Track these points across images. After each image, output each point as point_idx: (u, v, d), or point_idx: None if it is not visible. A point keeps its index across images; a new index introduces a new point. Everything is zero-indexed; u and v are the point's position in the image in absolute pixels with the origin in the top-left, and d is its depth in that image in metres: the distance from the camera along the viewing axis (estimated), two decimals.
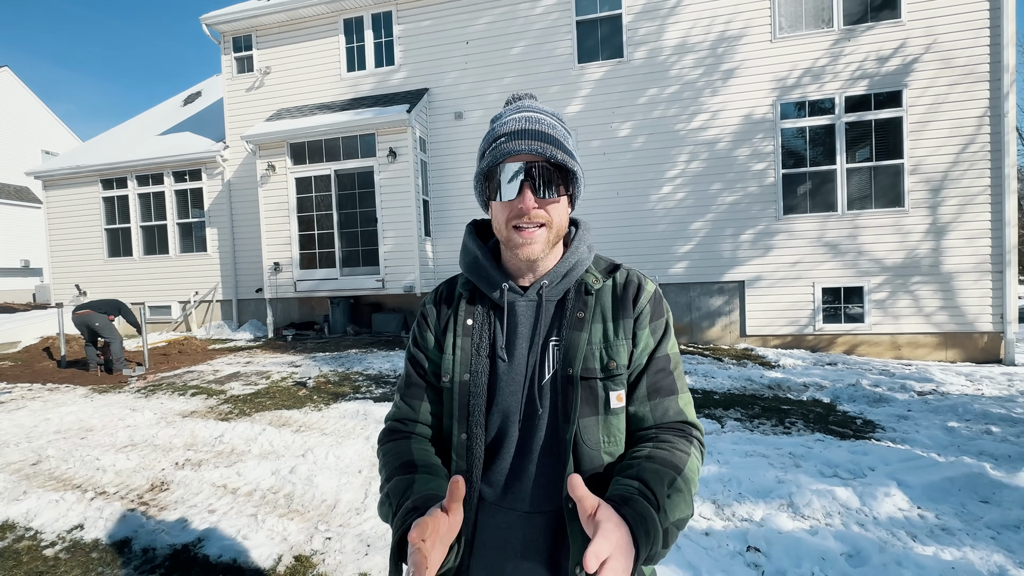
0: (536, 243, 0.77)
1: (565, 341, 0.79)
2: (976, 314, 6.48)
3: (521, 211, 0.76)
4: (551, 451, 0.78)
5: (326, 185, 8.06)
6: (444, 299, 0.89)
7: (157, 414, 4.23)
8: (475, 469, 0.79)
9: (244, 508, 2.63)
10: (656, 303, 0.83)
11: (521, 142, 0.75)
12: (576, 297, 0.82)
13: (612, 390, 0.78)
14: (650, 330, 0.81)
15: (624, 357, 0.79)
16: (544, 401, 0.79)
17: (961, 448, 3.33)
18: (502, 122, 0.80)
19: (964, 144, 6.50)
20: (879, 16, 6.76)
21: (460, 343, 0.83)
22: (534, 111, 0.81)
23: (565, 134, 0.80)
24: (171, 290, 9.63)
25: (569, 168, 0.78)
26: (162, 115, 12.14)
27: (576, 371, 0.77)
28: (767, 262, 7.09)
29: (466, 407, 0.80)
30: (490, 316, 0.84)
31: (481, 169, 0.80)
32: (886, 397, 4.56)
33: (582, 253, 0.84)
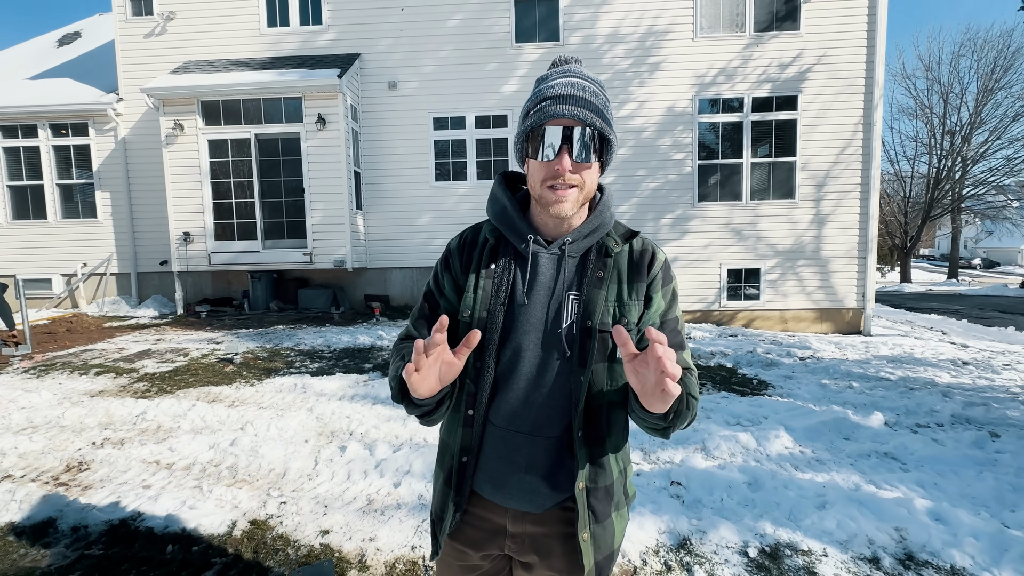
0: (567, 202, 0.83)
1: (585, 296, 0.86)
2: (844, 293, 7.67)
3: (557, 172, 0.81)
4: (561, 388, 0.87)
5: (245, 150, 7.45)
6: (468, 243, 0.95)
7: (57, 395, 3.80)
8: (482, 393, 0.88)
9: (184, 481, 2.54)
10: (666, 270, 0.91)
11: (565, 106, 0.79)
12: (597, 257, 0.89)
13: None
14: (662, 294, 0.89)
15: (635, 316, 0.87)
16: (560, 346, 0.86)
17: (831, 400, 4.04)
18: (548, 84, 0.84)
19: (843, 147, 7.56)
20: (783, 26, 7.56)
21: (483, 284, 0.89)
22: (580, 77, 0.84)
23: (606, 102, 0.84)
24: (51, 261, 8.41)
25: (606, 136, 0.83)
26: (30, 56, 10.33)
27: (595, 324, 0.85)
28: (683, 244, 7.79)
29: (482, 341, 0.86)
30: (512, 264, 0.90)
31: (524, 128, 0.84)
32: (776, 362, 5.33)
33: (606, 217, 0.91)
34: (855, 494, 2.42)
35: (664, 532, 2.16)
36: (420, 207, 8.01)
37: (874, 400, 4.01)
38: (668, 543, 2.10)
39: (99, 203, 8.35)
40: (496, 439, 0.90)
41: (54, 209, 8.40)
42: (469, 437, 0.90)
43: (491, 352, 0.88)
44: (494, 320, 0.88)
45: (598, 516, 0.89)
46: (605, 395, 0.87)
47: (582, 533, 0.87)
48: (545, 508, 0.89)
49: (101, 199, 8.34)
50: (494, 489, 0.91)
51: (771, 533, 2.13)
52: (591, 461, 0.88)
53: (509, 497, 0.90)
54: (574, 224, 0.90)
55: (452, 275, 0.94)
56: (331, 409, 3.48)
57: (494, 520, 0.92)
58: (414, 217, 8.03)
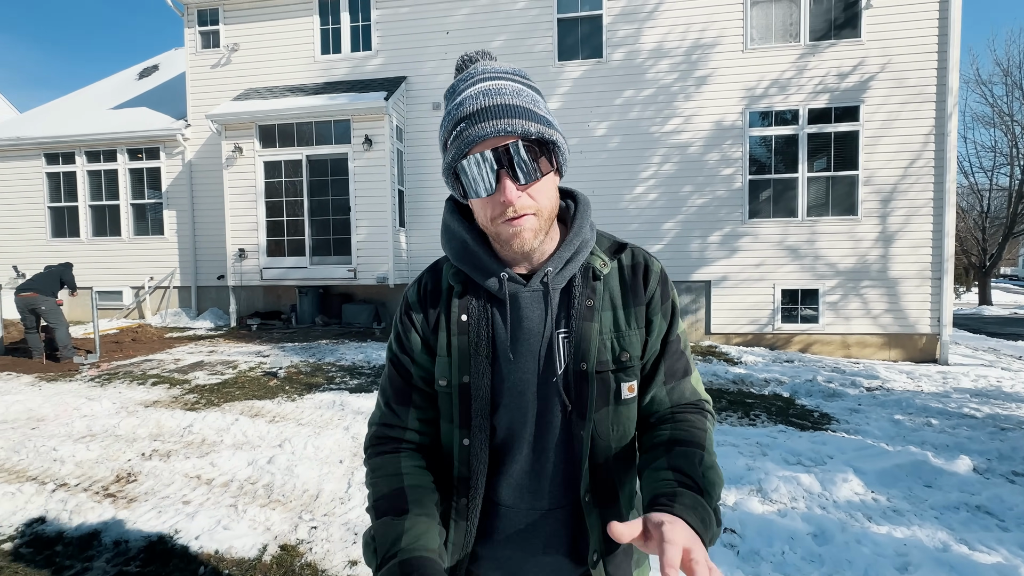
0: (526, 231, 0.68)
1: (576, 333, 0.72)
2: (916, 317, 7.02)
3: (504, 205, 0.66)
4: (566, 447, 0.75)
5: (297, 170, 7.80)
6: (430, 292, 0.78)
7: (116, 403, 4.01)
8: (478, 475, 0.74)
9: (222, 499, 2.56)
10: (664, 284, 0.77)
11: (486, 124, 0.64)
12: (584, 283, 0.74)
13: (624, 381, 0.74)
14: (661, 314, 0.76)
15: (637, 347, 0.74)
16: (556, 398, 0.73)
17: (906, 439, 3.62)
18: (457, 100, 0.68)
19: (912, 159, 7.00)
20: (841, 34, 7.17)
21: (456, 343, 0.73)
22: (493, 77, 0.68)
23: (535, 97, 0.69)
24: (123, 275, 9.08)
25: (549, 139, 0.66)
26: (115, 88, 11.37)
27: (591, 366, 0.72)
28: (732, 263, 7.41)
29: (468, 412, 0.73)
30: (488, 310, 0.74)
31: (448, 163, 0.69)
32: (839, 392, 4.89)
33: (586, 232, 0.75)
34: (944, 556, 2.10)
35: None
36: None
37: (958, 441, 3.56)
38: None
39: (166, 221, 8.96)
40: (505, 522, 0.77)
41: (127, 227, 9.09)
42: (463, 532, 0.76)
43: (481, 424, 0.73)
44: (479, 384, 0.73)
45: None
46: (613, 444, 0.75)
47: None
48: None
49: (168, 217, 8.96)
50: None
51: None
52: (602, 523, 0.75)
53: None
54: (549, 250, 0.74)
55: (419, 334, 0.77)
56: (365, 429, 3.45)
57: None
58: None
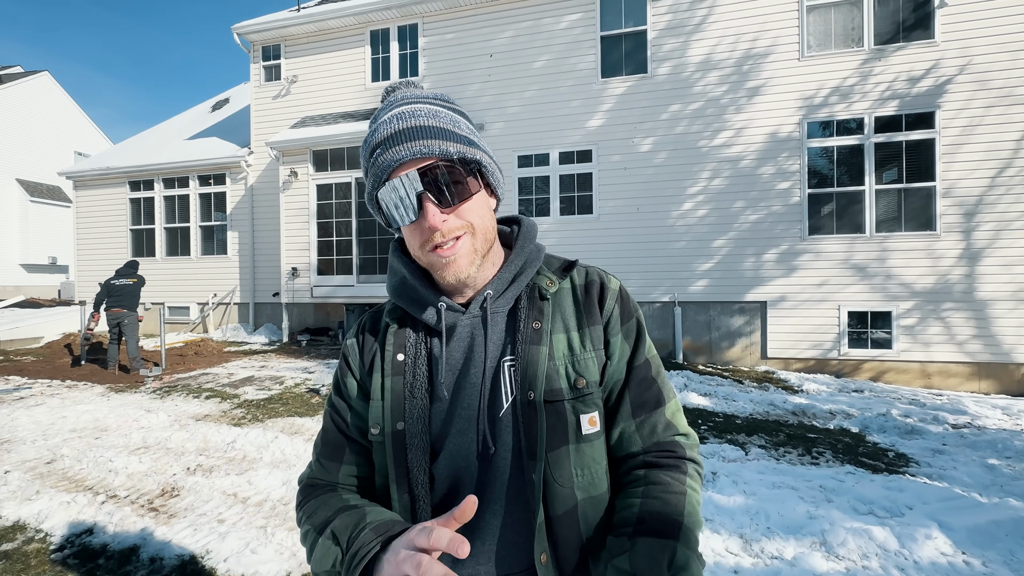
0: (461, 257, 0.64)
1: (522, 359, 0.65)
2: (1012, 344, 6.21)
3: (430, 231, 0.62)
4: (517, 496, 0.64)
5: (346, 192, 8.13)
6: (368, 332, 0.73)
7: (171, 416, 4.22)
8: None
9: (254, 519, 2.58)
10: (624, 302, 0.71)
11: (400, 147, 0.61)
12: (529, 304, 0.68)
13: (583, 412, 0.65)
14: (623, 335, 0.69)
15: (595, 372, 0.67)
16: (504, 437, 0.65)
17: (1004, 488, 3.14)
18: (374, 127, 0.65)
19: (1000, 168, 6.29)
20: (911, 36, 6.64)
21: (390, 384, 0.68)
22: (408, 102, 0.66)
23: (454, 118, 0.65)
24: (190, 291, 9.76)
25: (471, 158, 0.63)
26: (191, 120, 12.45)
27: (539, 394, 0.64)
28: (791, 283, 6.92)
29: (404, 463, 0.65)
30: (426, 346, 0.69)
31: (368, 192, 0.66)
32: (918, 429, 4.36)
33: (530, 252, 0.71)
34: None
35: None
36: None
37: None
38: None
39: (229, 242, 9.59)
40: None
41: (196, 247, 9.81)
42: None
43: (419, 478, 0.65)
44: (414, 431, 0.65)
45: None
46: (578, 492, 0.64)
47: None
48: None
49: (231, 238, 9.58)
50: None
51: None
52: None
53: None
54: (490, 274, 0.70)
55: (356, 377, 0.72)
56: None
57: None
58: None
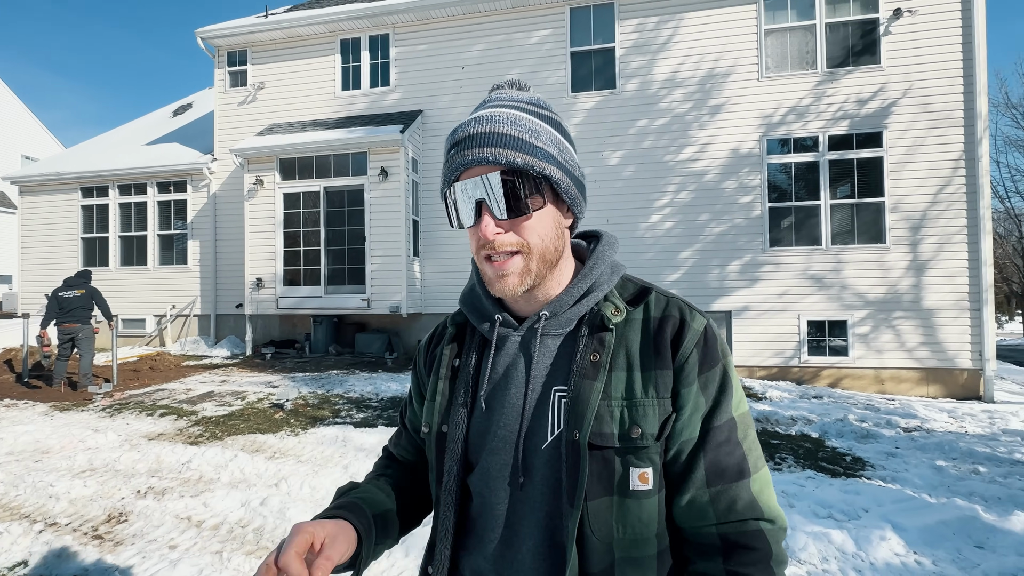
0: (510, 275, 0.60)
1: (573, 392, 0.60)
2: (956, 351, 6.58)
3: (484, 239, 0.60)
4: (550, 537, 0.60)
5: (315, 201, 7.96)
6: (437, 335, 0.76)
7: (121, 436, 3.98)
8: (444, 543, 0.65)
9: (209, 544, 2.44)
10: (707, 346, 0.61)
11: (469, 151, 0.58)
12: (590, 334, 0.62)
13: (634, 466, 0.58)
14: (699, 386, 0.60)
15: (654, 423, 0.58)
16: (540, 470, 0.60)
17: (951, 488, 3.30)
18: (459, 124, 0.63)
19: (941, 185, 6.72)
20: (860, 61, 7.05)
21: (442, 387, 0.69)
22: (496, 104, 0.63)
23: (534, 127, 0.60)
24: (147, 303, 9.32)
25: (541, 173, 0.59)
26: (150, 125, 12.00)
27: (583, 436, 0.58)
28: (753, 293, 7.15)
29: (441, 465, 0.65)
30: (478, 354, 0.68)
31: (441, 189, 0.64)
32: (873, 433, 4.55)
33: (600, 274, 0.65)
34: None
35: None
36: None
37: (1012, 493, 3.21)
38: None
39: (190, 251, 9.22)
40: None
41: (154, 256, 9.39)
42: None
43: (450, 485, 0.64)
44: (452, 435, 0.65)
45: None
46: (617, 550, 0.58)
47: None
48: None
49: (192, 247, 9.22)
50: None
51: None
52: None
53: None
54: (553, 293, 0.65)
55: (418, 378, 0.77)
56: (366, 467, 3.33)
57: None
58: (468, 264, 8.07)
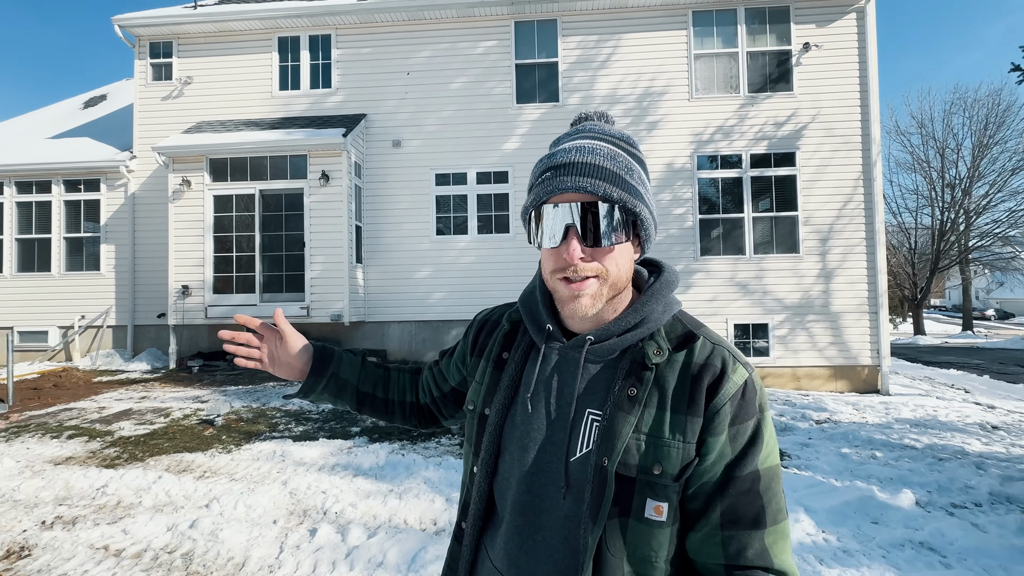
0: (584, 297, 0.64)
1: (607, 420, 0.64)
2: (858, 349, 7.37)
3: (567, 262, 0.64)
4: (567, 538, 0.65)
5: (249, 205, 7.56)
6: (491, 322, 0.84)
7: (21, 462, 3.57)
8: (478, 507, 0.73)
9: (130, 574, 2.26)
10: (746, 400, 0.63)
11: (568, 178, 0.62)
12: (631, 368, 0.66)
13: (650, 499, 0.62)
14: (728, 437, 0.61)
15: (675, 465, 0.61)
16: (570, 480, 0.65)
17: (853, 473, 3.70)
18: (555, 150, 0.68)
19: (844, 201, 7.53)
20: (776, 87, 7.77)
21: (490, 373, 0.77)
22: (593, 136, 0.67)
23: (629, 165, 0.66)
24: (50, 313, 8.38)
25: (632, 209, 0.64)
26: (57, 117, 10.86)
27: (612, 464, 0.62)
28: (687, 299, 7.61)
29: (479, 442, 0.74)
30: (524, 358, 0.75)
31: (527, 206, 0.68)
32: (790, 426, 4.99)
33: (652, 311, 0.68)
34: None
35: None
36: (420, 261, 7.99)
37: (901, 474, 3.66)
38: None
39: (103, 256, 8.42)
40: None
41: (59, 262, 8.48)
42: (457, 554, 0.77)
43: (487, 460, 0.73)
44: (493, 420, 0.74)
45: None
46: (623, 564, 0.62)
47: None
48: None
49: (106, 252, 8.42)
50: None
51: None
52: None
53: None
54: (607, 318, 0.69)
55: (464, 349, 0.88)
56: (307, 483, 3.21)
57: None
58: (414, 271, 7.98)
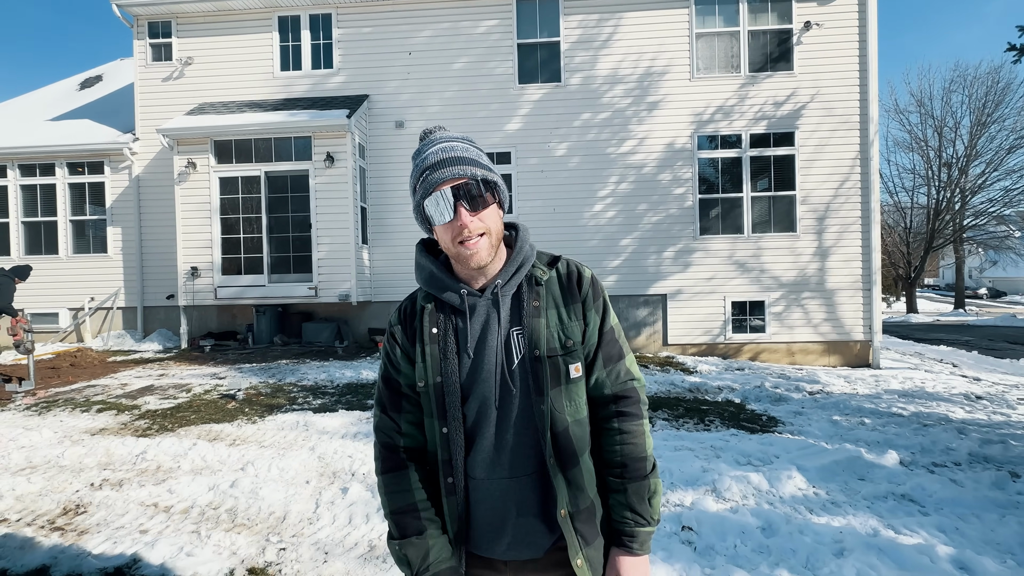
0: (481, 250, 0.89)
1: (528, 328, 0.91)
2: (851, 325, 7.61)
3: (461, 228, 0.87)
4: (527, 423, 0.90)
5: (255, 187, 7.63)
6: (408, 314, 0.98)
7: (59, 433, 3.77)
8: (456, 457, 0.90)
9: (182, 526, 2.48)
10: (595, 286, 0.97)
11: (444, 170, 0.87)
12: (529, 289, 0.94)
13: (571, 363, 0.92)
14: (594, 310, 0.96)
15: (578, 335, 0.93)
16: (516, 382, 0.90)
17: (843, 437, 3.94)
18: (423, 158, 0.91)
19: (841, 180, 7.67)
20: (776, 67, 7.82)
21: (429, 350, 0.92)
22: (447, 140, 0.93)
23: (478, 152, 0.93)
24: (60, 295, 8.50)
25: (491, 180, 0.90)
26: (54, 98, 10.77)
27: (543, 351, 0.90)
28: (686, 277, 7.81)
29: (443, 405, 0.90)
30: (452, 321, 0.94)
31: (417, 201, 0.91)
32: (784, 397, 5.24)
33: (526, 251, 0.97)
34: (874, 540, 2.33)
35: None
36: None
37: (888, 438, 3.91)
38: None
39: (110, 238, 8.51)
40: (483, 493, 0.91)
41: (66, 244, 8.56)
42: (455, 505, 0.91)
43: (455, 414, 0.91)
44: (449, 381, 0.91)
45: (587, 539, 0.91)
46: (568, 417, 0.91)
47: (575, 559, 0.89)
48: (545, 550, 0.91)
49: (112, 234, 8.51)
50: (491, 543, 0.92)
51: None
52: (569, 485, 0.90)
53: (509, 548, 0.91)
54: (497, 268, 0.95)
55: (402, 348, 0.96)
56: (333, 448, 3.43)
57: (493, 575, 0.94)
58: None
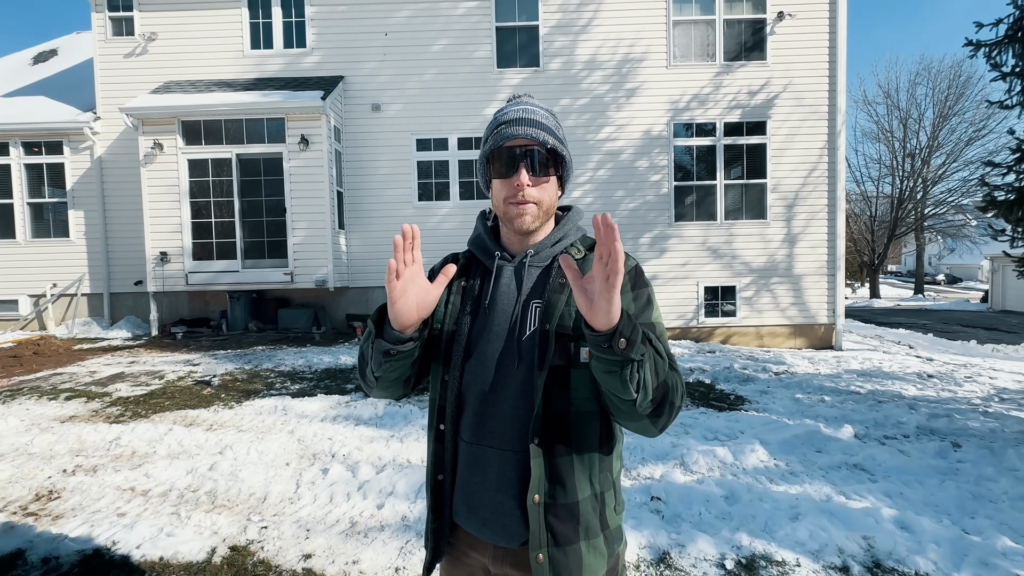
0: (527, 215, 0.90)
1: (546, 302, 0.88)
2: (816, 309, 7.94)
3: (516, 188, 0.87)
4: (524, 396, 0.86)
5: (226, 170, 7.43)
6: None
7: (25, 421, 3.68)
8: (452, 406, 0.90)
9: (161, 508, 2.48)
10: (636, 276, 0.90)
11: (518, 128, 0.88)
12: (559, 266, 0.91)
13: (583, 347, 0.84)
14: (632, 296, 0.88)
15: None
16: (522, 352, 0.87)
17: (804, 413, 4.17)
18: (502, 111, 0.94)
19: (810, 169, 7.92)
20: (750, 56, 7.96)
21: (452, 299, 0.96)
22: (530, 104, 0.95)
23: (556, 125, 0.93)
24: (19, 281, 8.15)
25: (559, 153, 0.90)
26: (4, 73, 10.17)
27: (552, 326, 0.86)
28: (662, 263, 7.99)
29: (448, 354, 0.92)
30: (479, 279, 0.97)
31: (484, 151, 0.92)
32: (752, 377, 5.47)
33: (568, 230, 0.97)
34: (826, 505, 2.51)
35: (645, 547, 2.20)
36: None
37: (845, 413, 4.15)
38: (648, 557, 2.14)
39: (72, 222, 8.17)
40: (468, 456, 0.89)
41: (23, 228, 8.18)
42: (442, 454, 0.92)
43: (456, 363, 0.91)
44: (460, 332, 0.92)
45: (558, 539, 0.83)
46: (569, 402, 0.85)
47: (535, 553, 0.82)
48: (520, 542, 0.85)
49: (74, 218, 8.17)
50: (469, 512, 0.89)
51: (747, 545, 2.20)
52: (549, 472, 0.84)
53: (484, 525, 0.87)
54: (538, 239, 0.96)
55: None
56: (313, 431, 3.45)
57: (477, 558, 0.92)
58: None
